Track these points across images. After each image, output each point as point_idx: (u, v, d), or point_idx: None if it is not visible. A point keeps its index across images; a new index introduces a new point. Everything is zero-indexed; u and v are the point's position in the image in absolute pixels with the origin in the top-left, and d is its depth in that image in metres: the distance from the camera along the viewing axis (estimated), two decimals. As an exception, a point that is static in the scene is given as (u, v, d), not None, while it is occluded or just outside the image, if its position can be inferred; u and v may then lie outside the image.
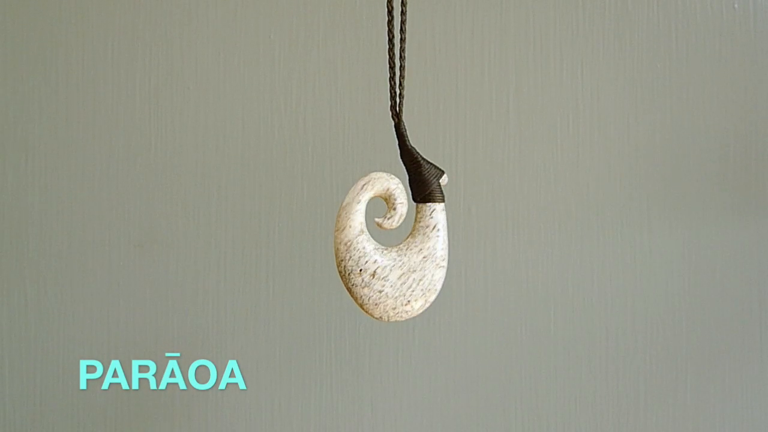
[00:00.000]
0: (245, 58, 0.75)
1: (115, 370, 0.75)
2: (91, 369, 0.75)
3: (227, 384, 0.74)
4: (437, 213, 0.51)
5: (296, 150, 0.74)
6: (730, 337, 0.74)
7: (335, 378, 0.74)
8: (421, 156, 0.51)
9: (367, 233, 0.51)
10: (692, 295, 0.74)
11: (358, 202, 0.51)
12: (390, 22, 0.51)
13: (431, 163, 0.52)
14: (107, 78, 0.75)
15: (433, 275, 0.51)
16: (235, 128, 0.75)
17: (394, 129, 0.51)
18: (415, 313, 0.51)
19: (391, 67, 0.52)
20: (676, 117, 0.74)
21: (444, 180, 0.52)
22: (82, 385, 0.75)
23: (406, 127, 0.51)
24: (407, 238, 0.52)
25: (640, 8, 0.74)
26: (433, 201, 0.51)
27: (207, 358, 0.74)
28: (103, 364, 0.75)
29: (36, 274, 0.75)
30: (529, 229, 0.74)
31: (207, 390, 0.75)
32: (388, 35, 0.51)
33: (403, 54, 0.53)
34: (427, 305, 0.51)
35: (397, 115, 0.52)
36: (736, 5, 0.73)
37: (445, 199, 0.51)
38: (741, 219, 0.73)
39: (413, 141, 0.51)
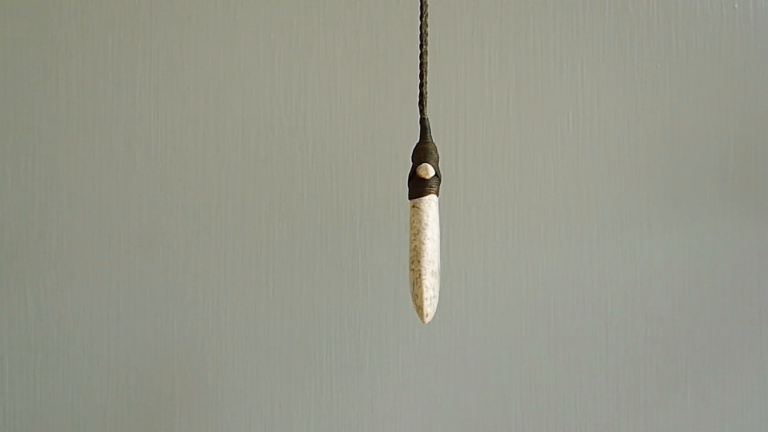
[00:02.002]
0: (245, 58, 0.75)
1: (115, 371, 0.74)
2: (91, 369, 0.75)
3: (227, 384, 0.74)
4: (409, 211, 0.49)
5: (296, 150, 0.74)
6: (730, 337, 0.74)
7: (335, 378, 0.74)
8: (421, 151, 0.50)
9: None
10: (692, 295, 0.74)
11: None
12: (422, 19, 0.51)
13: (421, 156, 0.50)
14: (107, 78, 0.75)
15: (408, 278, 0.49)
16: (235, 128, 0.75)
17: (419, 123, 0.50)
18: (420, 316, 0.49)
19: (421, 65, 0.51)
20: (676, 117, 0.74)
21: (424, 172, 0.48)
22: (82, 386, 0.75)
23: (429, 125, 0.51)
24: None
25: (640, 8, 0.74)
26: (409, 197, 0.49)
27: (207, 358, 0.74)
28: (102, 364, 0.75)
29: (36, 274, 0.75)
30: (529, 229, 0.74)
31: (207, 389, 0.75)
32: (420, 32, 0.50)
33: (424, 50, 0.51)
34: (421, 310, 0.48)
35: (422, 110, 0.51)
36: (736, 5, 0.73)
37: (422, 193, 0.48)
38: (741, 219, 0.73)
39: (415, 140, 0.51)
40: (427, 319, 0.49)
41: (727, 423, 0.73)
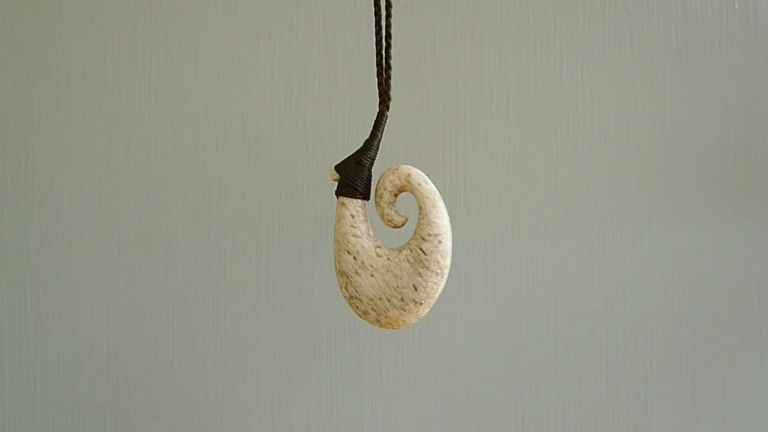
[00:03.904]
0: (245, 58, 0.75)
1: (115, 371, 0.75)
2: (91, 369, 0.75)
3: (227, 384, 0.74)
4: None
5: (296, 150, 0.74)
6: (730, 337, 0.74)
7: (335, 378, 0.74)
8: (371, 150, 0.50)
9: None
10: (692, 295, 0.74)
11: None
12: (377, 14, 0.51)
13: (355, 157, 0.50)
14: (107, 78, 0.75)
15: None
16: (235, 128, 0.75)
17: (380, 116, 0.50)
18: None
19: (380, 55, 0.51)
20: (676, 117, 0.74)
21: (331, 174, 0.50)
22: (82, 386, 0.75)
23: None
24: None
25: (640, 8, 0.74)
26: None
27: (207, 358, 0.75)
28: (102, 364, 0.75)
29: (36, 274, 0.75)
30: (529, 229, 0.74)
31: (207, 389, 0.75)
32: (376, 26, 0.51)
33: (389, 41, 0.51)
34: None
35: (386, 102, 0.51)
36: (736, 5, 0.73)
37: (337, 195, 0.50)
38: (741, 219, 0.73)
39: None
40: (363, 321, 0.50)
41: (727, 423, 0.73)
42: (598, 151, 0.74)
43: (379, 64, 0.51)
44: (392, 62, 0.74)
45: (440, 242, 0.48)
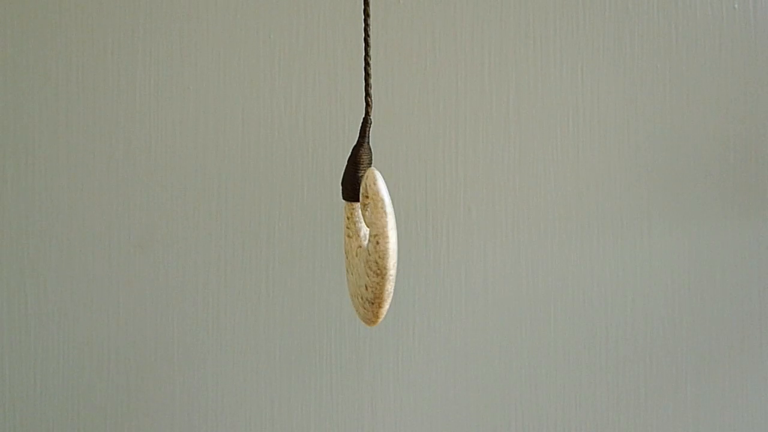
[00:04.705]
0: (245, 58, 0.75)
1: (115, 371, 0.75)
2: (91, 369, 0.75)
3: (227, 384, 0.75)
4: None
5: (296, 150, 0.74)
6: (730, 337, 0.74)
7: (335, 378, 0.74)
8: (356, 154, 0.51)
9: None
10: (692, 295, 0.74)
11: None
12: (366, 20, 0.51)
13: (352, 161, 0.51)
14: (107, 78, 0.75)
15: None
16: (235, 128, 0.75)
17: (363, 122, 0.51)
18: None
19: (366, 62, 0.52)
20: (676, 117, 0.74)
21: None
22: (82, 386, 0.75)
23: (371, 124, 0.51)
24: None
25: (640, 8, 0.74)
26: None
27: (207, 358, 0.75)
28: (102, 364, 0.75)
29: (36, 274, 0.75)
30: (529, 229, 0.74)
31: (207, 389, 0.75)
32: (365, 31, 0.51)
33: (367, 50, 0.52)
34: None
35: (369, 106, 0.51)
36: (736, 5, 0.73)
37: (343, 197, 0.50)
38: (741, 219, 0.74)
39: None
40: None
41: (726, 422, 0.73)
42: (598, 151, 0.74)
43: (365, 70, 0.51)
44: (391, 63, 0.74)
45: (378, 243, 0.48)
